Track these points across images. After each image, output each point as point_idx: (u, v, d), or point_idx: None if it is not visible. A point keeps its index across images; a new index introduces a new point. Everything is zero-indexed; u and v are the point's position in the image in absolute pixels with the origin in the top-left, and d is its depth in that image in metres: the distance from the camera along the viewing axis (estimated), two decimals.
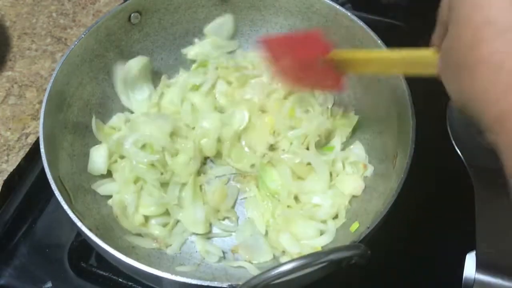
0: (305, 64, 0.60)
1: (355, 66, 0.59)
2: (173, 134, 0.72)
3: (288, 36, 0.65)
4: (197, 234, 0.67)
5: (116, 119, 0.74)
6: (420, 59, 0.49)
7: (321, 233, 0.66)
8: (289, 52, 0.62)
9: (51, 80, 0.64)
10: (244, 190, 0.72)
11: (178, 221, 0.68)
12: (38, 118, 0.66)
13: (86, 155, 0.70)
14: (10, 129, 0.79)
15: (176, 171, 0.69)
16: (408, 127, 0.61)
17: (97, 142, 0.71)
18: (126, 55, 0.76)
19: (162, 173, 0.68)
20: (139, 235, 0.66)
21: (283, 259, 0.64)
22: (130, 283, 0.65)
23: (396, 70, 0.58)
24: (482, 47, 0.35)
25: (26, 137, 0.78)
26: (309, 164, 0.70)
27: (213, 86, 0.78)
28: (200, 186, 0.71)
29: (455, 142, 0.68)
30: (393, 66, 0.55)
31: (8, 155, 0.76)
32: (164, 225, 0.67)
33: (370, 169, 0.70)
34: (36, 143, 0.75)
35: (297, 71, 0.62)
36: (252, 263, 0.64)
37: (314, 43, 0.59)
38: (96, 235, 0.53)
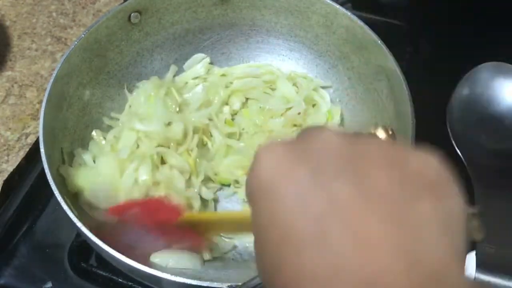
0: (162, 225, 0.58)
1: (209, 227, 0.59)
2: None
3: (132, 203, 0.62)
4: None
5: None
6: None
7: None
8: (142, 216, 0.60)
9: (51, 80, 0.64)
10: None
11: None
12: (38, 118, 0.65)
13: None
14: (10, 129, 0.79)
15: None
16: (407, 127, 0.61)
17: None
18: (126, 55, 0.76)
19: None
20: None
21: None
22: (130, 283, 0.65)
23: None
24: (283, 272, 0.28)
25: (26, 137, 0.78)
26: None
27: None
28: None
29: (455, 142, 0.68)
30: (243, 226, 0.50)
31: (8, 155, 0.76)
32: None
33: None
34: (36, 143, 0.75)
35: (155, 229, 0.59)
36: None
37: (164, 208, 0.59)
38: (96, 235, 0.53)
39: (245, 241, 0.66)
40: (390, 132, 0.37)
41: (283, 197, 0.28)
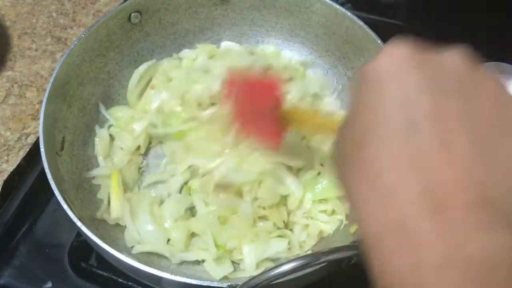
0: (257, 108, 0.60)
1: (297, 123, 0.59)
2: None
3: (250, 79, 0.65)
4: None
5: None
6: None
7: None
8: (248, 94, 0.62)
9: (51, 80, 0.64)
10: None
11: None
12: (38, 118, 0.66)
13: (86, 155, 0.70)
14: (10, 129, 0.79)
15: None
16: None
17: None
18: (126, 55, 0.76)
19: None
20: None
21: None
22: (130, 283, 0.65)
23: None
24: (367, 149, 0.30)
25: (26, 137, 0.78)
26: None
27: None
28: None
29: None
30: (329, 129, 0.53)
31: (8, 155, 0.76)
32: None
33: None
34: (36, 143, 0.75)
35: (249, 112, 0.62)
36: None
37: (270, 91, 0.60)
38: (96, 235, 0.53)
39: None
40: None
41: (390, 93, 0.30)
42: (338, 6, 0.73)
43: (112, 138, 0.73)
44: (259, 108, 0.60)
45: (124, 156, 0.71)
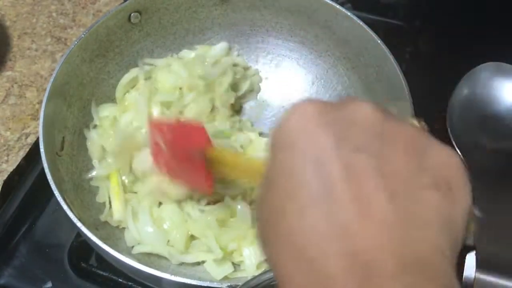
0: (183, 152, 0.58)
1: (225, 168, 0.56)
2: None
3: (174, 123, 0.62)
4: None
5: None
6: None
7: None
8: (172, 137, 0.59)
9: (51, 80, 0.64)
10: None
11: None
12: (38, 118, 0.66)
13: (86, 155, 0.70)
14: (10, 129, 0.79)
15: None
16: None
17: None
18: (126, 55, 0.76)
19: None
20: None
21: None
22: (130, 283, 0.65)
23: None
24: (285, 221, 0.28)
25: (26, 137, 0.78)
26: None
27: None
28: None
29: (455, 142, 0.68)
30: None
31: (8, 155, 0.76)
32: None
33: None
34: (36, 143, 0.75)
35: (174, 158, 0.59)
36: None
37: (197, 134, 0.58)
38: (96, 235, 0.54)
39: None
40: (424, 125, 0.37)
41: (302, 157, 0.29)
42: (338, 6, 0.73)
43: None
44: (186, 152, 0.57)
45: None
